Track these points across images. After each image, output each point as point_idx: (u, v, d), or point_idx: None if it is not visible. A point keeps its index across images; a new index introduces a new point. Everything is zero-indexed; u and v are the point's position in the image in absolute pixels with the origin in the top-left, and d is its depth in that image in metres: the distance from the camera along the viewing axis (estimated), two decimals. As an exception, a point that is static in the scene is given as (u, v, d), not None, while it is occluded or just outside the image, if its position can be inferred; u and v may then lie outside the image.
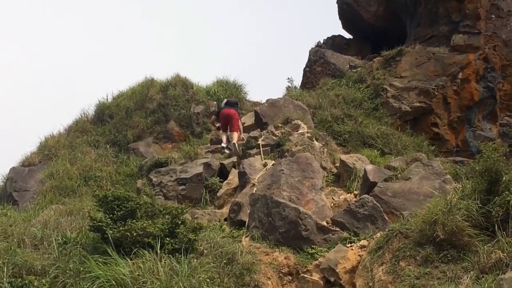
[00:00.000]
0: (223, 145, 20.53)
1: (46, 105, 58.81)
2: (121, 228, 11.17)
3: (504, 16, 23.88)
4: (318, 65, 27.54)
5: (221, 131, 21.37)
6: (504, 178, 10.78)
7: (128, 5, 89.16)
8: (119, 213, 11.75)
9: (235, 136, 20.33)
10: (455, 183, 14.89)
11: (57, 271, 10.75)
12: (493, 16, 23.74)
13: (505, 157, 11.80)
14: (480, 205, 10.73)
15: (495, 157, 10.96)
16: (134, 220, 11.49)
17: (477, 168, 11.38)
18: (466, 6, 23.77)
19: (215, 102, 24.31)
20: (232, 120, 20.84)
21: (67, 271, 10.52)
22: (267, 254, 13.16)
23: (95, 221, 11.49)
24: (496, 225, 10.33)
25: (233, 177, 18.06)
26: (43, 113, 55.90)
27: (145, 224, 11.31)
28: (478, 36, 23.38)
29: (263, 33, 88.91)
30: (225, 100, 22.45)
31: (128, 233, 11.08)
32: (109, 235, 11.04)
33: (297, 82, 28.52)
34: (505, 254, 9.65)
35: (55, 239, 11.86)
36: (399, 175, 15.65)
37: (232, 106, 21.69)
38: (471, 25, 23.58)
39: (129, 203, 12.01)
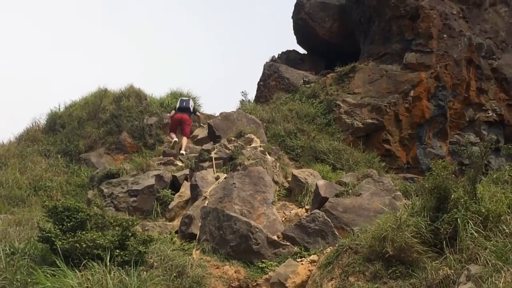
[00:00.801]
0: (182, 152, 21.37)
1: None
2: (70, 240, 11.04)
3: (456, 35, 24.24)
4: (272, 80, 27.66)
5: (170, 132, 22.48)
6: (452, 195, 10.92)
7: (84, 13, 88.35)
8: (68, 224, 11.62)
9: (185, 141, 21.69)
10: (405, 199, 15.07)
11: (4, 282, 10.58)
12: (445, 35, 24.10)
13: (454, 175, 11.97)
14: (429, 222, 10.85)
15: (444, 175, 11.10)
16: (84, 232, 11.37)
17: (427, 185, 11.52)
18: (419, 25, 24.10)
19: (168, 114, 24.26)
20: (184, 125, 22.29)
21: (14, 282, 10.36)
22: (217, 268, 13.14)
23: (44, 232, 11.35)
24: (444, 242, 10.44)
25: (185, 190, 18.00)
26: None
27: (94, 236, 11.20)
28: (430, 55, 23.71)
29: (219, 47, 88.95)
30: (178, 103, 23.23)
31: (77, 245, 10.96)
32: (58, 246, 10.91)
33: (251, 96, 28.64)
34: (452, 271, 9.77)
35: (2, 250, 11.66)
36: (350, 190, 15.76)
37: (185, 111, 22.77)
38: (424, 44, 23.90)
39: (79, 214, 11.89)
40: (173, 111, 23.23)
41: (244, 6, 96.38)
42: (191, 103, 23.49)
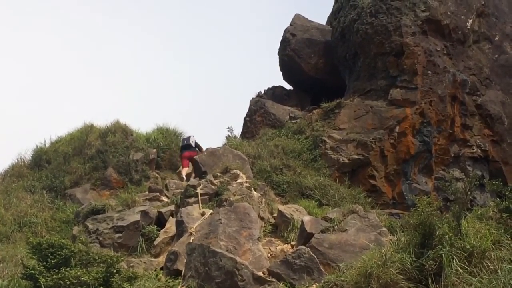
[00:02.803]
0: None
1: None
2: (54, 277, 11.01)
3: (440, 72, 24.44)
4: (259, 115, 27.78)
5: (183, 167, 23.89)
6: (437, 232, 10.94)
7: (67, 49, 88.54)
8: (53, 261, 11.59)
9: (183, 171, 23.49)
10: (391, 235, 15.07)
11: (-14, 320, 10.52)
12: (429, 72, 24.29)
13: (439, 211, 12.02)
14: (414, 259, 10.86)
15: (429, 211, 11.14)
16: (68, 268, 11.35)
17: (412, 221, 11.55)
18: (403, 61, 24.30)
19: (154, 150, 24.32)
20: (183, 159, 24.17)
21: (-3, 321, 10.31)
22: (202, 304, 13.09)
23: (28, 269, 11.32)
24: (429, 278, 10.45)
25: (171, 226, 17.96)
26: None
27: (79, 273, 11.18)
28: (415, 91, 23.87)
29: (205, 82, 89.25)
30: (181, 142, 24.98)
31: (61, 282, 10.92)
32: (42, 283, 10.88)
33: (238, 131, 28.69)
34: (438, 308, 9.78)
35: (-15, 287, 11.61)
36: (336, 226, 15.73)
37: (189, 148, 24.37)
38: (408, 80, 24.08)
39: (64, 250, 11.87)
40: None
41: (229, 42, 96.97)
42: (192, 139, 24.53)
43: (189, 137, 24.65)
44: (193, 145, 24.39)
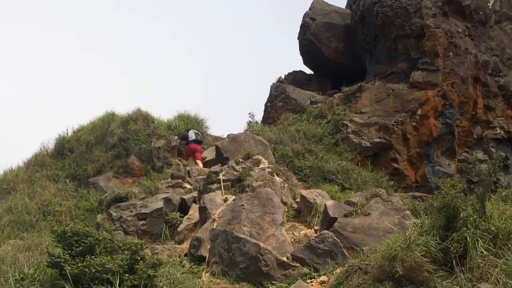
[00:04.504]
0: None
1: (3, 139, 57.98)
2: (79, 264, 11.04)
3: (462, 53, 24.27)
4: (279, 100, 27.70)
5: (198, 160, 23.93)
6: (461, 214, 10.87)
7: (88, 41, 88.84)
8: (77, 249, 11.62)
9: (200, 163, 23.34)
10: (414, 218, 15.01)
11: (13, 308, 10.59)
12: (451, 53, 24.12)
13: (463, 193, 11.93)
14: (438, 241, 10.79)
15: (452, 194, 11.06)
16: (93, 256, 11.37)
17: (435, 204, 11.48)
18: (424, 43, 24.14)
19: (176, 137, 24.30)
20: (197, 152, 24.00)
21: (24, 309, 10.37)
22: (227, 290, 13.12)
23: (53, 257, 11.35)
24: (454, 261, 10.39)
25: (194, 212, 17.99)
26: (2, 147, 55.10)
27: (104, 260, 11.19)
28: (436, 73, 23.72)
29: (226, 68, 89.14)
30: (193, 135, 24.49)
31: (86, 269, 10.95)
32: (67, 271, 10.91)
33: (259, 117, 28.67)
34: (463, 290, 9.73)
35: (12, 275, 11.66)
36: (359, 210, 15.71)
37: (199, 143, 24.47)
38: (430, 62, 23.92)
39: (88, 238, 11.89)
40: (184, 139, 24.71)
41: (249, 28, 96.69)
42: (200, 136, 24.93)
43: (199, 133, 25.08)
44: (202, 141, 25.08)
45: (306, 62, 32.06)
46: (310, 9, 31.30)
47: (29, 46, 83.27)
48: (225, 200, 17.25)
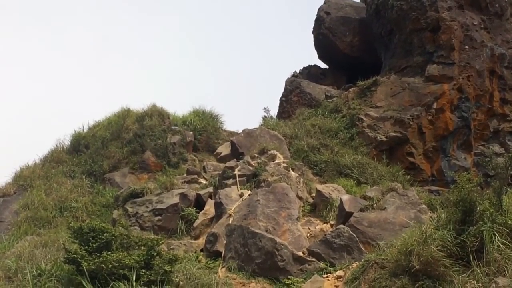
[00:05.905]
0: None
1: (21, 135, 58.24)
2: (96, 260, 11.10)
3: (478, 46, 24.12)
4: (294, 95, 27.66)
5: None
6: (478, 208, 10.84)
7: (105, 38, 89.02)
8: (94, 245, 11.68)
9: None
10: (431, 212, 14.98)
11: (31, 304, 10.65)
12: (466, 47, 23.98)
13: (480, 187, 11.88)
14: (455, 235, 10.78)
15: (469, 188, 11.02)
16: (110, 252, 11.43)
17: (452, 198, 11.44)
18: (440, 37, 24.01)
19: (191, 132, 24.31)
20: None
21: (42, 305, 10.43)
22: (243, 285, 13.14)
23: (70, 253, 11.42)
24: (471, 255, 10.38)
25: (210, 208, 18.02)
26: (18, 144, 55.32)
27: (120, 256, 11.25)
28: (452, 67, 23.59)
29: (241, 62, 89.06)
30: None
31: (103, 265, 11.01)
32: (84, 267, 10.97)
33: (274, 112, 28.59)
34: (480, 284, 9.71)
35: (29, 271, 11.75)
36: (375, 205, 15.70)
37: None
38: (445, 56, 23.79)
39: (105, 234, 11.96)
40: None
41: (265, 23, 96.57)
42: None
43: None
44: None
45: (321, 57, 31.99)
46: (324, 3, 31.21)
47: (48, 43, 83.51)
48: (241, 195, 17.26)
